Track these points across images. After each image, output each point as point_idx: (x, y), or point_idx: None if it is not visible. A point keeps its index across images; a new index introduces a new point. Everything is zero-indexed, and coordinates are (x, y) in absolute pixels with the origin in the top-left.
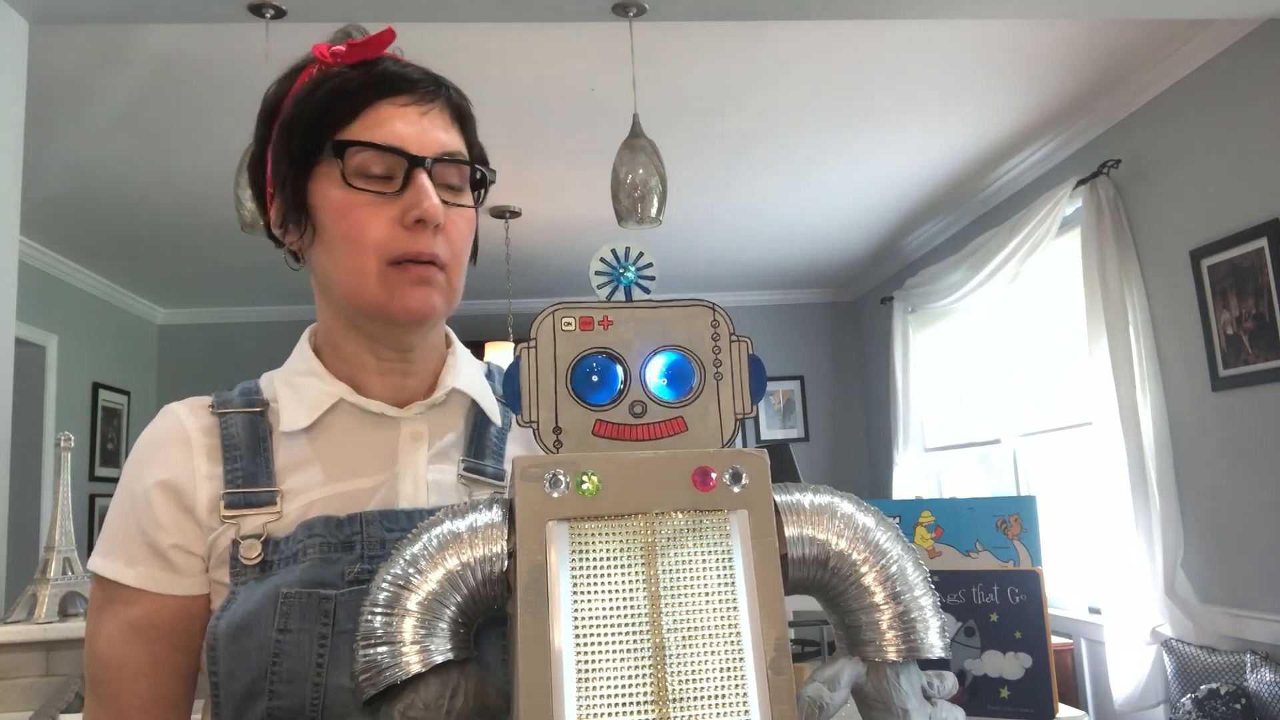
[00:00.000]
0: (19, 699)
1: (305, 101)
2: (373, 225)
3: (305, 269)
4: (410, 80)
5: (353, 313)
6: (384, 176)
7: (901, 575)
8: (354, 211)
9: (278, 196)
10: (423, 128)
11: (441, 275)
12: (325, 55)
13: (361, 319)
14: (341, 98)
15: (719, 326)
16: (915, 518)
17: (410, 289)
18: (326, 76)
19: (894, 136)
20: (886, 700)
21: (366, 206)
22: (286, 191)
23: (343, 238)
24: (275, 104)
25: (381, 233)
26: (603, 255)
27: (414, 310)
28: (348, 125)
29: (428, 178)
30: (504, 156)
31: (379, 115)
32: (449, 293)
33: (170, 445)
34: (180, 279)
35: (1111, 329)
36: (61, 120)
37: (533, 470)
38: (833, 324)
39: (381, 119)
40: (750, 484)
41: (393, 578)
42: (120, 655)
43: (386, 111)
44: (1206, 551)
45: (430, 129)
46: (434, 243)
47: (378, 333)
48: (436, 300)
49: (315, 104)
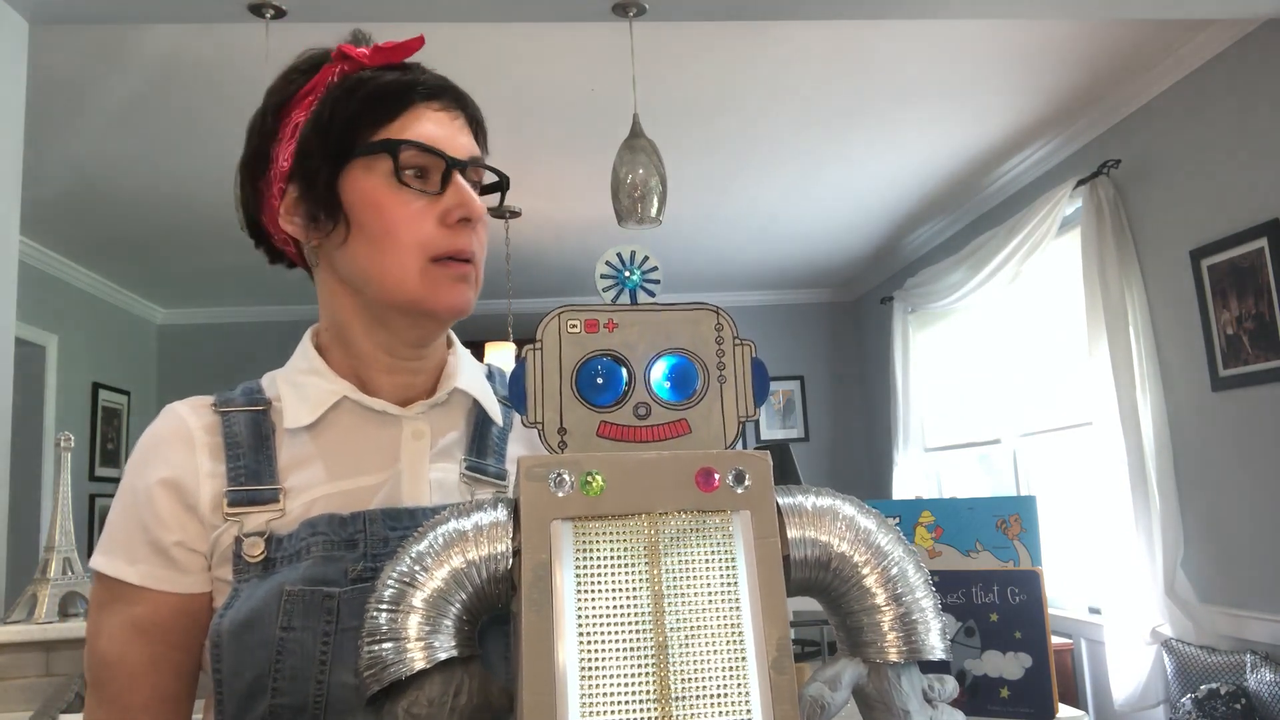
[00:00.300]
0: (19, 699)
1: (345, 100)
2: (416, 223)
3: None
4: (442, 87)
5: (387, 307)
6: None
7: (903, 577)
8: (399, 209)
9: (303, 192)
10: (454, 132)
11: (474, 272)
12: (359, 55)
13: (393, 314)
14: (385, 98)
15: (723, 330)
16: (915, 518)
17: (451, 285)
18: (364, 78)
19: (894, 136)
20: (887, 701)
21: (410, 205)
22: (318, 187)
23: (385, 233)
24: (286, 100)
25: (425, 230)
26: (608, 259)
27: (454, 306)
28: (387, 125)
29: (464, 180)
30: (504, 156)
31: (416, 117)
32: (477, 289)
33: (173, 443)
34: (180, 279)
35: (1111, 329)
36: (61, 120)
37: (537, 470)
38: (833, 324)
39: (420, 121)
40: (753, 485)
41: (398, 575)
42: (122, 653)
43: (424, 114)
44: (1206, 551)
45: (459, 134)
46: (472, 241)
47: (405, 328)
48: (471, 296)
49: (357, 102)
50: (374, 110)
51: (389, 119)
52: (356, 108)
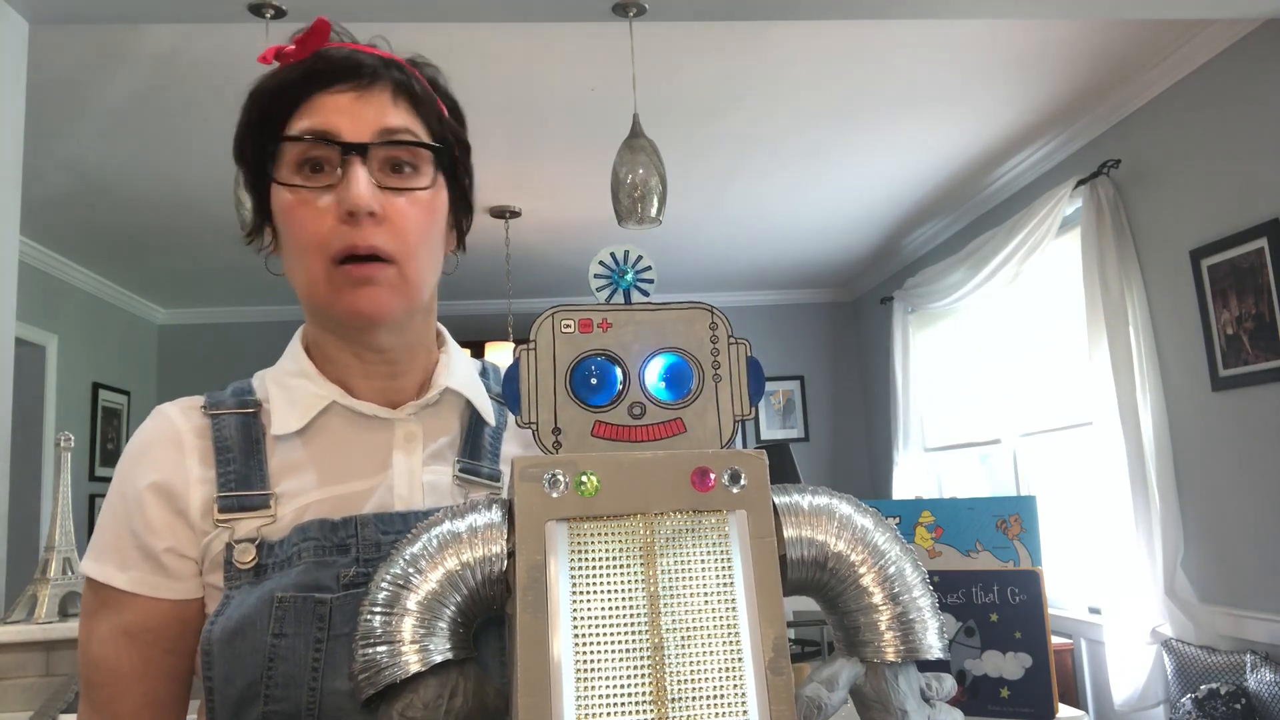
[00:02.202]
0: (19, 699)
1: (249, 107)
2: (311, 222)
3: None
4: (346, 67)
5: (315, 318)
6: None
7: (900, 576)
8: (295, 211)
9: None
10: (356, 111)
11: (392, 270)
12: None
13: (324, 321)
14: (277, 96)
15: (717, 329)
16: (915, 518)
17: (355, 290)
18: (263, 84)
19: (894, 136)
20: (885, 701)
21: (305, 205)
22: (254, 202)
23: (292, 239)
24: None
25: (320, 229)
26: (601, 258)
27: (362, 313)
28: (286, 123)
29: (361, 165)
30: (504, 156)
31: (314, 107)
32: (405, 288)
33: (162, 448)
34: (180, 279)
35: (1111, 329)
36: (61, 120)
37: (532, 471)
38: (833, 324)
39: (316, 110)
40: (749, 485)
41: (392, 577)
42: (113, 659)
43: (321, 102)
44: (1206, 551)
45: (366, 111)
46: (372, 235)
47: (344, 335)
48: (387, 299)
49: (255, 110)
50: (271, 111)
51: (287, 115)
52: (255, 114)
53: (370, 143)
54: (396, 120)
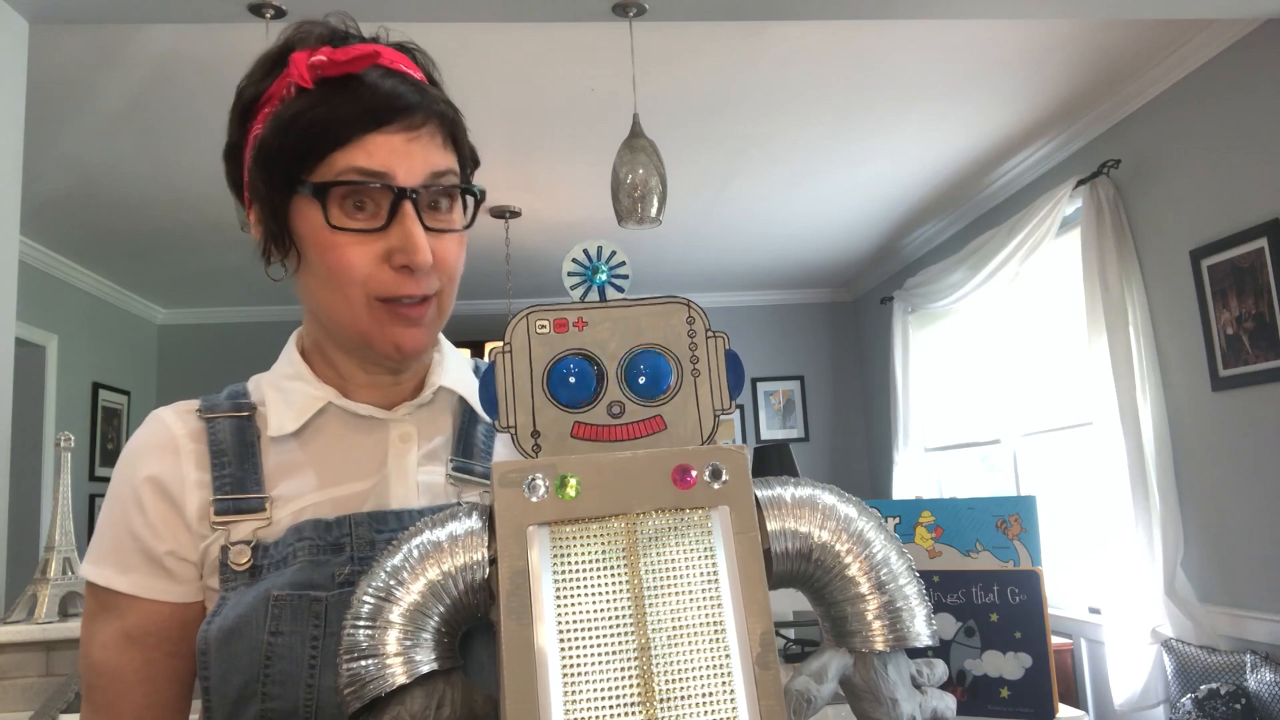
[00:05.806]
0: (19, 699)
1: (285, 131)
2: (359, 263)
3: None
4: (398, 106)
5: (340, 341)
6: (369, 210)
7: (886, 564)
8: (338, 250)
9: (259, 219)
10: (409, 153)
11: (433, 308)
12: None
13: (350, 347)
14: (325, 131)
15: (695, 323)
16: (915, 518)
17: (401, 329)
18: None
19: (894, 136)
20: (875, 691)
21: (351, 246)
22: (268, 218)
23: (329, 272)
24: (250, 104)
25: (368, 270)
26: (574, 255)
27: (403, 349)
28: (328, 159)
29: (414, 212)
30: (504, 156)
31: (367, 146)
32: (439, 321)
33: (158, 452)
34: (180, 279)
35: (1111, 329)
36: (61, 120)
37: (511, 475)
38: (833, 324)
39: (370, 149)
40: (730, 480)
41: (374, 590)
42: (115, 662)
43: (375, 142)
44: (1206, 551)
45: (418, 154)
46: (424, 283)
47: (368, 359)
48: (426, 337)
49: (296, 135)
50: (315, 144)
51: (328, 151)
52: (295, 141)
53: (422, 186)
54: (443, 162)
